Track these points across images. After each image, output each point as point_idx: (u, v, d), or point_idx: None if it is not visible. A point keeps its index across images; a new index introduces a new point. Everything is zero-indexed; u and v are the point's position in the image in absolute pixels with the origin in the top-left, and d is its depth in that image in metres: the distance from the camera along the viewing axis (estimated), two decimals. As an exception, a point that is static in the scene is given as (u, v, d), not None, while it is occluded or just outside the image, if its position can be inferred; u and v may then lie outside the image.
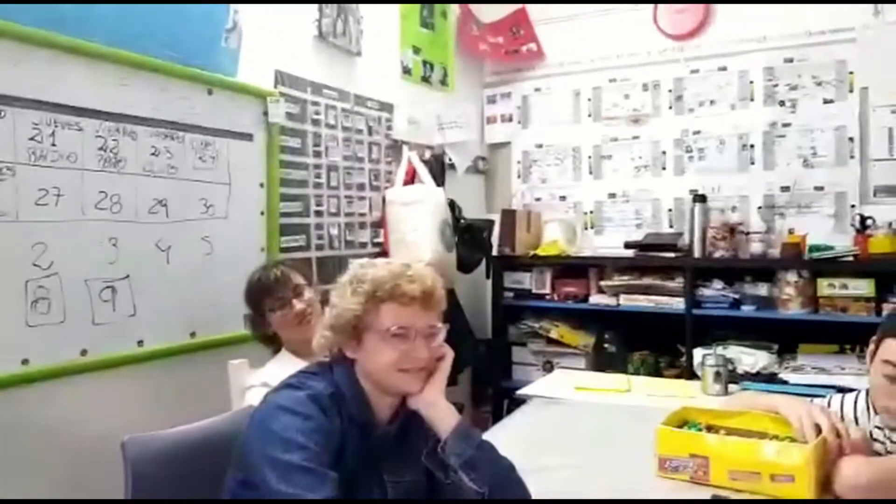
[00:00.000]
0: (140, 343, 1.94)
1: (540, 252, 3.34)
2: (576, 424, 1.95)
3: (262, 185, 2.32)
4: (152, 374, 1.96)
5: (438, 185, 2.96)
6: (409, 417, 1.33)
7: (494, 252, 3.32)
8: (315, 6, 2.52)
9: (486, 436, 1.75)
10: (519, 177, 3.71)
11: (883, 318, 1.55)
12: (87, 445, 1.74)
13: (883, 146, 2.99)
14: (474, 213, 3.39)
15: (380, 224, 2.86)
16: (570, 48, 3.55)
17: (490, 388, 3.37)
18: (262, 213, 2.32)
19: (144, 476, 1.36)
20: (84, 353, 1.80)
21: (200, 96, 2.10)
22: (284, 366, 1.67)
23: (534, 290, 3.32)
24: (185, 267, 2.05)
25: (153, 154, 1.96)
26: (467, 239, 3.08)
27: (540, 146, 3.66)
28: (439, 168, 3.10)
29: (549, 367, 3.19)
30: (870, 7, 2.97)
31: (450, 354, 1.33)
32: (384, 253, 2.73)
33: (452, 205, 2.98)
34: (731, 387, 2.18)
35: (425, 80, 3.25)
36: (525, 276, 3.34)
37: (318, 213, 2.58)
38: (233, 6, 2.14)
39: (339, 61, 2.69)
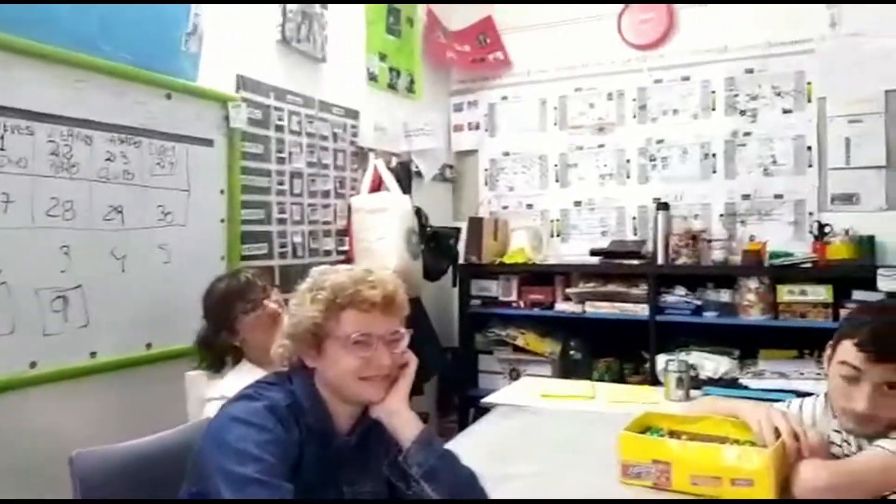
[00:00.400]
0: (93, 355, 1.88)
1: (507, 260, 3.34)
2: (540, 432, 1.95)
3: (222, 191, 2.27)
4: (106, 386, 1.90)
5: (405, 192, 2.95)
6: (371, 427, 1.31)
7: (461, 260, 3.32)
8: (278, 10, 2.49)
9: (451, 444, 1.73)
10: (486, 184, 3.72)
11: (840, 322, 1.57)
12: (37, 462, 1.68)
13: (840, 155, 3.06)
14: (441, 220, 3.38)
15: (345, 232, 2.83)
16: (537, 57, 3.58)
17: (456, 396, 3.36)
18: (223, 221, 2.28)
19: (94, 491, 1.31)
20: (34, 365, 1.73)
21: (159, 101, 2.06)
22: (244, 377, 1.62)
23: (500, 298, 3.32)
24: (141, 276, 2.00)
25: (108, 159, 1.91)
26: (434, 247, 3.07)
27: (507, 154, 3.67)
28: (406, 175, 3.08)
29: (515, 375, 3.19)
30: (827, 18, 3.05)
31: (413, 361, 1.32)
32: (349, 261, 2.70)
33: (419, 212, 2.97)
34: (694, 392, 2.20)
35: (391, 86, 3.24)
36: (492, 284, 3.34)
37: (281, 221, 2.54)
38: (193, 9, 2.11)
39: (304, 67, 2.67)
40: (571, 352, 3.23)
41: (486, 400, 2.20)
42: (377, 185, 2.88)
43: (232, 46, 2.30)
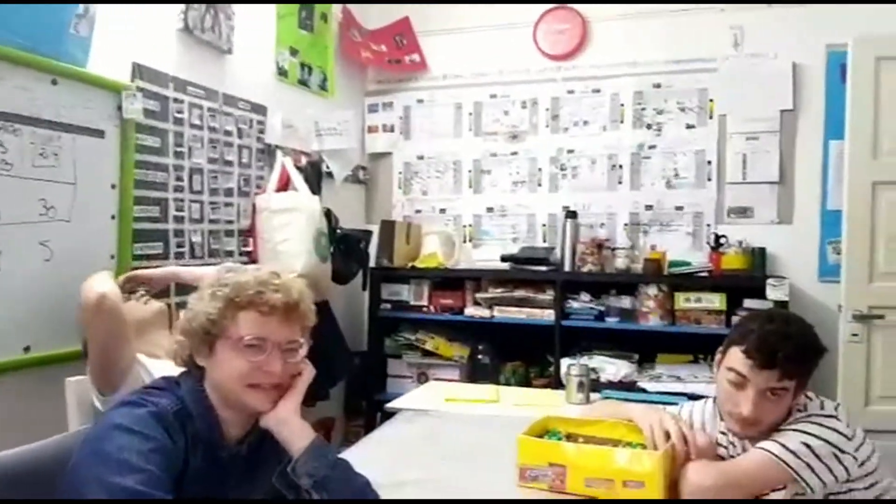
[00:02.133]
0: (-39, 358, 1.72)
1: (419, 264, 3.33)
2: (443, 436, 1.93)
3: (113, 186, 2.14)
4: (-24, 392, 1.75)
5: (314, 193, 2.87)
6: (262, 436, 1.25)
7: (372, 263, 3.27)
8: (182, -3, 2.38)
9: (352, 450, 1.70)
10: (400, 188, 3.69)
11: (731, 329, 1.63)
12: None
13: (737, 170, 3.22)
14: (353, 223, 3.33)
15: (249, 232, 2.73)
16: (454, 61, 3.59)
17: (364, 400, 3.31)
18: (114, 217, 2.14)
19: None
20: None
21: (43, 86, 1.91)
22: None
23: (411, 302, 3.31)
24: (18, 274, 1.85)
25: (-18, 147, 1.76)
26: (344, 249, 3.01)
27: (421, 158, 3.66)
28: (316, 176, 3.01)
29: (424, 379, 3.18)
30: (731, 39, 3.20)
31: (308, 371, 1.27)
32: (253, 262, 2.60)
33: (329, 214, 2.90)
34: (594, 395, 2.24)
35: (303, 83, 3.16)
36: (403, 288, 3.32)
37: (179, 219, 2.42)
38: (85, -10, 1.97)
39: (207, 58, 2.56)
40: (480, 356, 3.25)
41: (391, 405, 2.17)
42: (285, 185, 2.79)
43: (128, 32, 2.17)
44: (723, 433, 1.62)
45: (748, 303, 2.89)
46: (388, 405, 2.17)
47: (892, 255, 2.68)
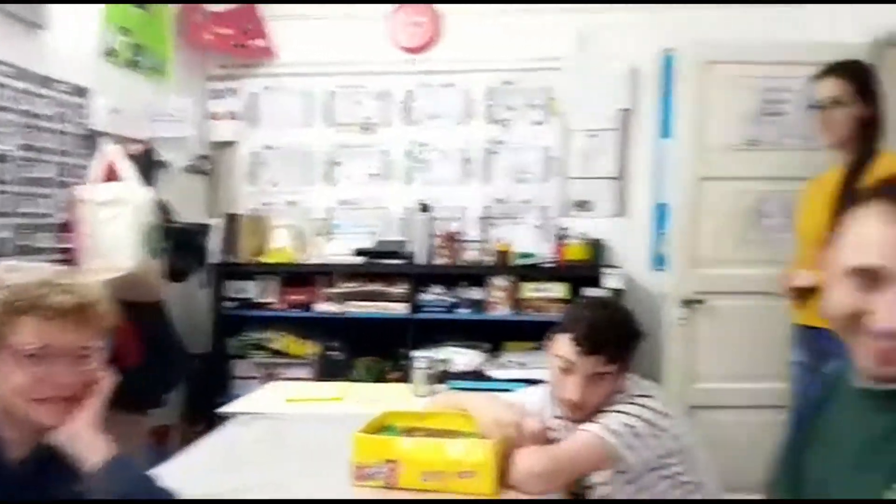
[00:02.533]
0: None
1: (266, 259, 3.18)
2: (281, 439, 1.85)
3: None
4: None
5: (147, 184, 2.65)
6: (53, 453, 1.12)
7: (215, 259, 3.08)
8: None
9: (179, 459, 1.57)
10: (246, 179, 3.51)
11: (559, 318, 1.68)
12: None
13: (579, 166, 3.36)
14: (194, 216, 3.11)
15: (68, 227, 2.47)
16: (304, 49, 3.45)
17: (206, 406, 3.11)
18: None
19: None
20: None
21: None
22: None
23: (257, 300, 3.16)
24: None
25: None
26: (180, 245, 2.80)
27: (270, 148, 3.50)
28: (148, 165, 2.78)
29: (273, 380, 3.04)
30: (574, 40, 3.32)
31: (107, 380, 1.15)
32: (71, 261, 2.36)
33: (163, 206, 2.68)
34: (440, 387, 2.24)
35: (134, 65, 2.90)
36: (248, 285, 3.16)
37: (-21, 212, 2.14)
38: None
39: (16, 32, 2.28)
40: (332, 353, 3.17)
41: (225, 409, 2.04)
42: (111, 175, 2.55)
43: None
44: (557, 418, 1.66)
45: (587, 291, 3.03)
46: (223, 410, 2.05)
47: (715, 245, 2.90)
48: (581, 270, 3.07)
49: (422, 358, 2.26)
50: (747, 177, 2.86)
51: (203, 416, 3.11)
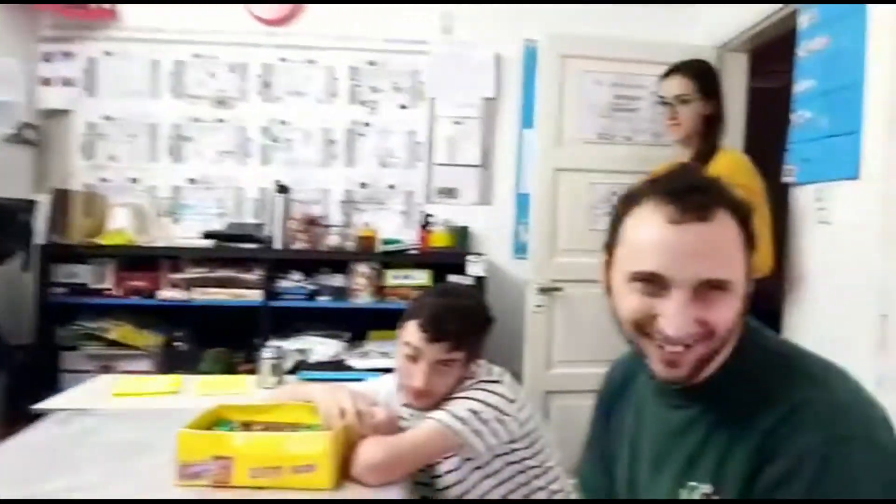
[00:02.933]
0: None
1: (103, 241, 2.89)
2: (102, 437, 1.65)
3: None
4: None
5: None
6: None
7: (40, 240, 2.75)
8: None
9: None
10: (81, 152, 3.17)
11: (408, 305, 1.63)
12: None
13: (445, 152, 3.33)
14: (17, 192, 2.77)
15: None
16: (150, 13, 3.17)
17: (29, 402, 2.78)
18: None
19: None
20: None
21: None
22: None
23: (91, 286, 2.86)
24: None
25: None
26: (0, 223, 2.48)
27: (109, 119, 3.18)
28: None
29: (108, 373, 2.77)
30: (440, 24, 3.27)
31: None
32: None
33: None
34: (289, 378, 2.12)
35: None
36: (81, 269, 2.86)
37: None
38: None
39: None
40: (177, 343, 2.94)
41: (40, 406, 1.81)
42: None
43: None
44: (406, 406, 1.61)
45: (451, 278, 3.01)
46: (36, 406, 1.81)
47: (571, 234, 2.97)
48: (445, 257, 3.05)
49: (270, 347, 2.12)
50: (600, 169, 2.94)
51: (25, 414, 2.79)
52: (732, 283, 0.84)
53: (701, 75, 2.41)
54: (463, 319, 1.48)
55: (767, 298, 2.30)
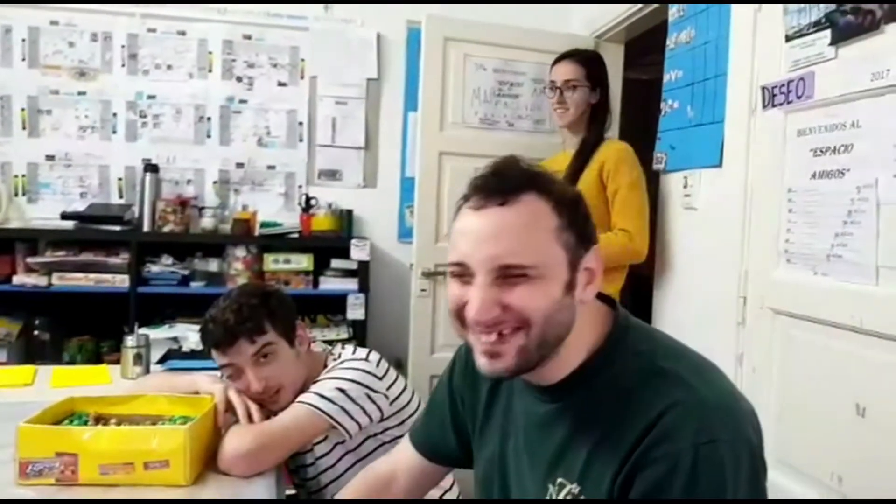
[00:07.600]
0: None
1: (-56, 222, 2.62)
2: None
3: None
4: None
5: None
6: None
7: None
8: None
9: None
10: (-83, 125, 2.85)
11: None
12: None
13: (327, 133, 3.25)
14: None
15: None
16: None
17: None
18: None
19: None
20: None
21: None
22: None
23: (-71, 271, 2.59)
24: None
25: None
26: None
27: (-50, 89, 2.88)
28: None
29: (-49, 367, 2.53)
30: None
31: None
32: None
33: None
34: (157, 368, 2.01)
35: None
36: (-85, 253, 2.57)
37: None
38: None
39: None
40: (36, 332, 2.72)
41: None
42: None
43: None
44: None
45: (335, 263, 2.97)
46: None
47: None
48: (329, 241, 2.99)
49: (134, 336, 1.99)
50: (482, 154, 2.95)
51: None
52: (537, 267, 0.81)
53: (589, 63, 2.44)
54: (238, 312, 1.42)
55: (648, 283, 2.43)
